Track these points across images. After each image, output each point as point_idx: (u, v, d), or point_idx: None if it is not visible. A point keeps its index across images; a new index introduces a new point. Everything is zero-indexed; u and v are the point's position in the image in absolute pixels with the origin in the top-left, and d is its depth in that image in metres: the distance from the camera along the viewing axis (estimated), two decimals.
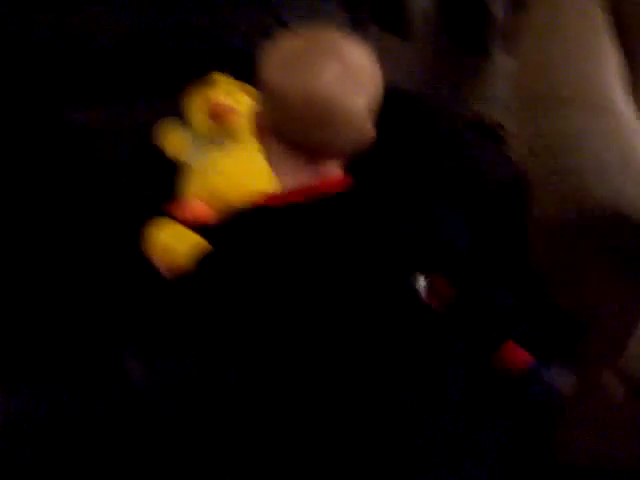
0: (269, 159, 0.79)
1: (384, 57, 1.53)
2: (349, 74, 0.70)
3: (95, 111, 1.34)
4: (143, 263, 0.99)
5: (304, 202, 0.73)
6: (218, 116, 1.22)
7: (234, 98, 1.24)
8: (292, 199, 0.74)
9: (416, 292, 0.79)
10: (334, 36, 0.75)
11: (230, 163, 1.24)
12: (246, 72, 1.39)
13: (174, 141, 1.27)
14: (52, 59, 1.34)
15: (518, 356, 0.77)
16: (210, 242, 0.79)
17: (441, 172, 1.10)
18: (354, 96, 0.70)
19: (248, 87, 1.27)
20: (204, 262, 0.78)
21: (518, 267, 1.06)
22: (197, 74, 1.37)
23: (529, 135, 1.19)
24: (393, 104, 1.07)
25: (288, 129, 0.72)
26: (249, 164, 1.25)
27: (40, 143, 1.28)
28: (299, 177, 0.75)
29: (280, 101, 0.70)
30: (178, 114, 1.28)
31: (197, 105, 1.25)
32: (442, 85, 2.20)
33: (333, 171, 0.76)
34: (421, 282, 0.79)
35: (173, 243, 1.01)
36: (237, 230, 0.77)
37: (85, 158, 1.31)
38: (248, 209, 0.77)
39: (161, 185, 1.19)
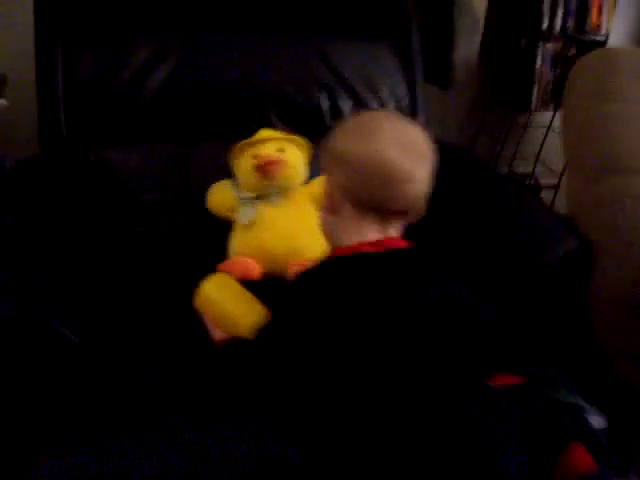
0: (335, 220, 0.84)
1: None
2: (406, 143, 0.81)
3: (133, 151, 1.32)
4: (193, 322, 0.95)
5: (376, 252, 0.80)
6: (266, 170, 1.18)
7: (282, 151, 1.21)
8: (363, 250, 0.80)
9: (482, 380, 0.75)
10: (393, 115, 0.88)
11: (278, 218, 1.19)
12: (296, 119, 1.38)
13: (222, 197, 1.23)
14: (93, 98, 1.30)
15: (582, 461, 0.71)
16: (283, 297, 0.81)
17: (500, 244, 1.05)
18: (408, 159, 0.80)
19: (297, 138, 1.24)
20: (269, 331, 0.79)
21: (580, 338, 1.01)
22: (245, 120, 1.36)
23: (588, 201, 1.16)
24: (451, 164, 1.04)
25: (355, 188, 0.81)
26: (297, 218, 1.20)
27: (74, 179, 1.25)
28: (365, 236, 0.82)
29: (350, 164, 0.80)
30: (224, 158, 1.27)
31: (245, 160, 1.20)
32: (479, 136, 2.19)
33: (395, 234, 0.84)
34: None
35: (226, 301, 0.98)
36: (317, 280, 0.79)
37: (119, 199, 1.28)
38: (325, 260, 0.82)
39: (209, 242, 1.16)
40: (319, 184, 1.27)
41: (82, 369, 0.91)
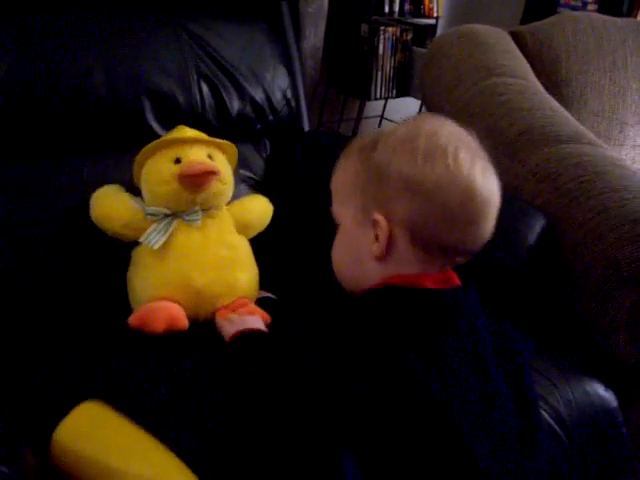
0: (377, 262, 0.66)
1: None
2: (482, 159, 0.64)
3: None
4: None
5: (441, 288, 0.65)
6: (195, 181, 0.89)
7: (212, 159, 0.93)
8: (425, 284, 0.65)
9: None
10: (446, 119, 0.67)
11: (203, 244, 0.92)
12: (177, 120, 1.10)
13: (117, 207, 0.93)
14: None
15: None
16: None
17: None
18: (495, 186, 0.65)
19: (225, 142, 0.97)
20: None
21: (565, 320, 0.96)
22: (115, 126, 1.05)
23: (520, 176, 1.12)
24: None
25: (427, 225, 0.63)
26: (226, 245, 0.94)
27: None
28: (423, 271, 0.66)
29: (425, 195, 0.62)
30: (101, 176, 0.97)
31: (162, 163, 0.91)
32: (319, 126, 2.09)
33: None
34: None
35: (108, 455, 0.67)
36: (370, 314, 0.61)
37: None
38: (374, 290, 0.65)
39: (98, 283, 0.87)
40: (242, 208, 1.02)
41: None
